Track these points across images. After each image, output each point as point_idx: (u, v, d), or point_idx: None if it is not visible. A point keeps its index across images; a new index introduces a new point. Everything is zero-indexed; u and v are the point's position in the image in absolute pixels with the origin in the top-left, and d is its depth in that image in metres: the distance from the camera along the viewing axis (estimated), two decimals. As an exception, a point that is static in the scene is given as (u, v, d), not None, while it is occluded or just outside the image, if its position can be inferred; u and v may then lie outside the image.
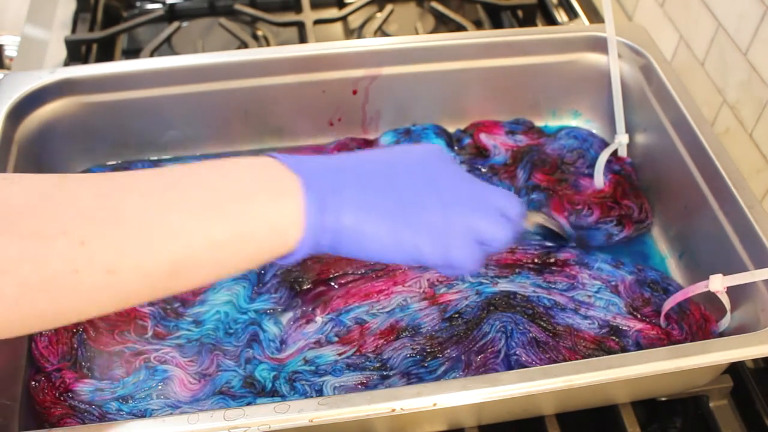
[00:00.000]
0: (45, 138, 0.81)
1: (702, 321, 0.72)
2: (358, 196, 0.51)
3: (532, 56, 0.89)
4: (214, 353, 0.70)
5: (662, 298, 0.74)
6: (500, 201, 0.57)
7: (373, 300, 0.74)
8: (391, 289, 0.75)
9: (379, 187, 0.53)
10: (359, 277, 0.76)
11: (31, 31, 1.09)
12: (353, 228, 0.51)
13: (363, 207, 0.51)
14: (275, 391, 0.68)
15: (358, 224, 0.51)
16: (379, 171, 0.54)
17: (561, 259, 0.78)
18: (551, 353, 0.69)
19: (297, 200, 0.49)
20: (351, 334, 0.72)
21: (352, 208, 0.51)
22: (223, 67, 0.84)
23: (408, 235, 0.52)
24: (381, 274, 0.76)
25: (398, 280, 0.75)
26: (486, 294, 0.74)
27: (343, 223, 0.51)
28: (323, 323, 0.73)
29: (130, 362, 0.70)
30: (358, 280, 0.76)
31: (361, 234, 0.51)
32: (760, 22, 0.82)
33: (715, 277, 0.67)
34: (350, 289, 0.75)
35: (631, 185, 0.86)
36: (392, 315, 0.73)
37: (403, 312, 0.73)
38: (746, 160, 0.87)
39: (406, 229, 0.52)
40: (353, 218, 0.51)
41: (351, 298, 0.74)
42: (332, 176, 0.52)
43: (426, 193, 0.54)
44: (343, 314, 0.73)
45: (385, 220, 0.52)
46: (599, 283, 0.75)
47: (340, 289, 0.76)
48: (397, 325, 0.72)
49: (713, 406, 0.74)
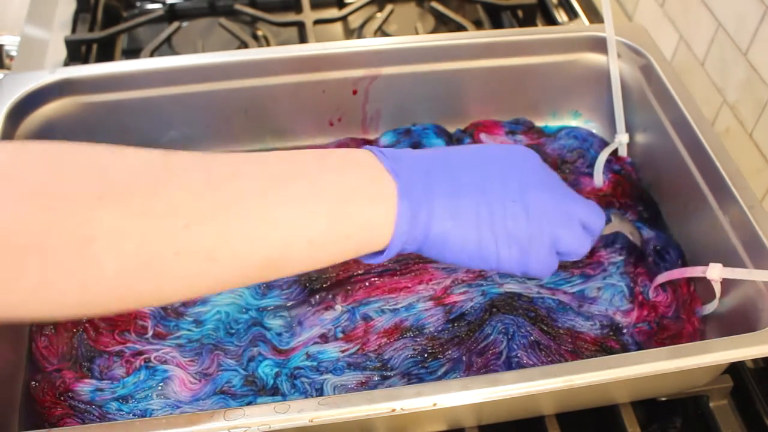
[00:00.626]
0: (45, 138, 0.80)
1: (688, 297, 0.74)
2: (449, 203, 0.53)
3: (532, 56, 0.89)
4: (214, 353, 0.70)
5: (657, 262, 0.77)
6: (584, 213, 0.58)
7: (395, 296, 0.74)
8: (415, 288, 0.75)
9: (469, 193, 0.54)
10: (383, 274, 0.76)
11: (31, 31, 1.09)
12: (440, 236, 0.53)
13: (452, 216, 0.53)
14: (276, 388, 0.68)
15: (445, 234, 0.53)
16: (470, 175, 0.55)
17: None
18: (553, 356, 0.69)
19: (391, 207, 0.51)
20: (356, 331, 0.72)
21: (442, 218, 0.53)
22: (223, 67, 0.84)
23: (492, 245, 0.54)
24: (406, 271, 0.76)
25: (424, 278, 0.76)
26: (491, 295, 0.74)
27: (431, 231, 0.53)
28: (342, 312, 0.73)
29: (131, 362, 0.70)
30: (383, 276, 0.76)
31: (446, 242, 0.53)
32: (760, 22, 0.82)
33: (714, 266, 0.68)
34: (374, 283, 0.76)
35: (631, 185, 0.86)
36: (397, 314, 0.73)
37: (408, 312, 0.73)
38: (746, 160, 0.87)
39: (490, 239, 0.54)
40: (441, 228, 0.53)
41: (374, 291, 0.75)
42: (425, 180, 0.53)
43: (514, 202, 0.55)
44: (363, 305, 0.73)
45: (471, 230, 0.53)
46: (621, 259, 0.77)
47: (365, 281, 0.76)
48: (402, 324, 0.72)
49: (713, 406, 0.74)
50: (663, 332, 0.73)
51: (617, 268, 0.77)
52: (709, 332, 0.74)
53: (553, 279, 0.76)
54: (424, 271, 0.76)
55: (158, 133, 0.87)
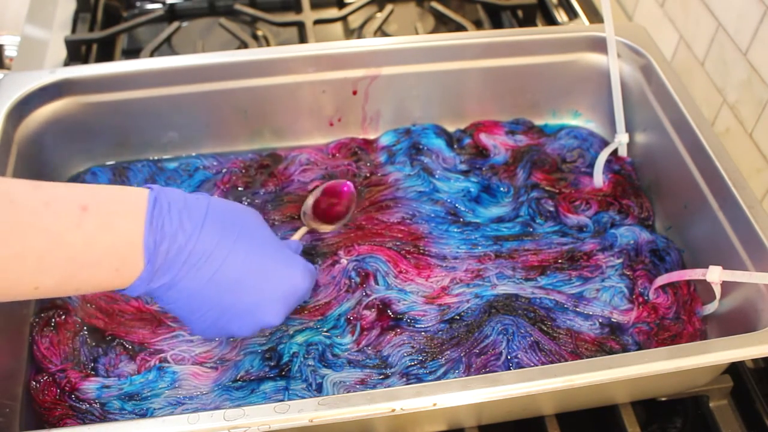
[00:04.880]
0: (45, 138, 0.81)
1: (689, 298, 0.75)
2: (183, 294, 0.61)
3: (531, 56, 0.89)
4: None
5: (656, 264, 0.78)
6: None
7: (395, 269, 0.76)
8: (413, 276, 0.76)
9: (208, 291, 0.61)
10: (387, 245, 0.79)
11: (31, 31, 1.09)
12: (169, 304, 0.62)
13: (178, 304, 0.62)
14: (285, 366, 0.69)
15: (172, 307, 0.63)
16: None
17: (586, 252, 0.78)
18: (553, 357, 0.69)
19: (130, 277, 0.57)
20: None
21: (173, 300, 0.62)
22: (223, 67, 0.84)
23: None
24: (409, 256, 0.78)
25: (423, 272, 0.77)
26: (487, 297, 0.74)
27: (163, 298, 0.61)
28: (348, 263, 0.76)
29: (146, 360, 0.70)
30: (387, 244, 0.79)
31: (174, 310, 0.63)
32: (760, 22, 0.82)
33: (714, 269, 0.69)
34: (374, 244, 0.79)
35: (631, 185, 0.86)
36: (390, 291, 0.75)
37: (399, 295, 0.74)
38: (746, 160, 0.87)
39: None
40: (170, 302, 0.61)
41: (376, 252, 0.77)
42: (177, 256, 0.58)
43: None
44: (368, 258, 0.76)
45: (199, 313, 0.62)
46: (620, 262, 0.77)
47: (362, 234, 0.79)
48: (392, 306, 0.73)
49: (713, 406, 0.74)
50: (664, 333, 0.73)
51: (615, 270, 0.77)
52: (709, 332, 0.74)
53: (551, 281, 0.76)
54: (425, 266, 0.77)
55: (158, 133, 0.87)
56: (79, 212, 0.53)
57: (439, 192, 0.85)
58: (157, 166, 0.87)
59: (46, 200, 0.52)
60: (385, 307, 0.73)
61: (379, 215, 0.82)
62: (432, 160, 0.88)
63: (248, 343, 0.71)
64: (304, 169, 0.86)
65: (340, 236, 0.80)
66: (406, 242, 0.79)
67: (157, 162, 0.87)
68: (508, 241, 0.80)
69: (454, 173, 0.87)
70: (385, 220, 0.82)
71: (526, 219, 0.83)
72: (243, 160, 0.87)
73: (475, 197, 0.85)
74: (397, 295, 0.74)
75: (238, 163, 0.87)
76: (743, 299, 0.69)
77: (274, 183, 0.85)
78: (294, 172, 0.86)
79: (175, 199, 0.58)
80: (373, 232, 0.80)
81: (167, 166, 0.87)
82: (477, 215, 0.84)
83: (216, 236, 0.59)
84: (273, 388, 0.68)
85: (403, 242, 0.79)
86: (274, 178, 0.86)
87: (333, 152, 0.89)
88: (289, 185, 0.85)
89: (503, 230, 0.82)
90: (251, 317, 0.62)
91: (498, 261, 0.78)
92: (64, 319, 0.72)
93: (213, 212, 0.60)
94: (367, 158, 0.89)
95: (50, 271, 0.52)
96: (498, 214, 0.84)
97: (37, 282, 0.52)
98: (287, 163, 0.87)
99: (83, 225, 0.53)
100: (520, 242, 0.80)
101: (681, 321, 0.74)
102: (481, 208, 0.84)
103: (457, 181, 0.86)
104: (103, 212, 0.54)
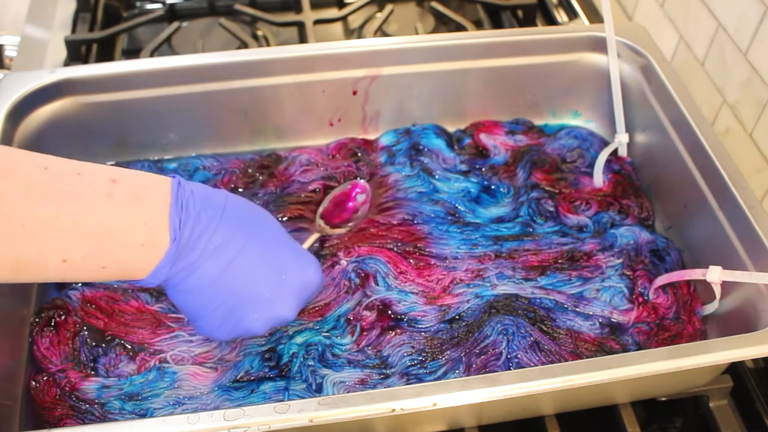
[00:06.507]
0: (45, 138, 0.81)
1: (689, 298, 0.75)
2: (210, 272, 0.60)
3: (532, 56, 0.89)
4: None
5: (656, 264, 0.78)
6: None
7: (395, 269, 0.76)
8: (413, 277, 0.76)
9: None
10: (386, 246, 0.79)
11: (31, 31, 1.09)
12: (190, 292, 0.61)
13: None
14: (285, 367, 0.69)
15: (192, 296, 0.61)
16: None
17: (586, 252, 0.78)
18: (553, 357, 0.69)
19: (155, 258, 0.57)
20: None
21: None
22: (223, 67, 0.84)
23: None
24: (409, 257, 0.78)
25: (423, 272, 0.77)
26: (487, 297, 0.74)
27: (184, 284, 0.59)
28: (348, 264, 0.76)
29: (146, 360, 0.70)
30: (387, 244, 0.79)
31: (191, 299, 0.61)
32: (760, 22, 0.82)
33: (714, 269, 0.69)
34: (373, 245, 0.79)
35: (631, 185, 0.86)
36: (390, 292, 0.75)
37: (399, 296, 0.74)
38: (746, 160, 0.87)
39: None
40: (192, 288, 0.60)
41: (375, 253, 0.77)
42: (202, 236, 0.59)
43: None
44: (368, 260, 0.76)
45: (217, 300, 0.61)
46: (620, 262, 0.77)
47: (361, 236, 0.79)
48: (392, 307, 0.73)
49: (713, 406, 0.74)
50: (664, 333, 0.73)
51: (615, 270, 0.77)
52: (709, 332, 0.74)
53: (551, 281, 0.76)
54: (425, 266, 0.77)
55: (158, 133, 0.87)
56: (110, 183, 0.54)
57: (439, 192, 0.85)
58: (157, 166, 0.87)
59: (79, 171, 0.53)
60: (386, 308, 0.73)
61: (379, 218, 0.82)
62: (432, 160, 0.88)
63: (248, 343, 0.71)
64: (305, 169, 0.86)
65: (340, 237, 0.80)
66: (406, 243, 0.79)
67: (157, 162, 0.87)
68: (508, 241, 0.80)
69: (454, 173, 0.87)
70: (385, 223, 0.82)
71: (526, 219, 0.83)
72: (243, 160, 0.87)
73: (475, 197, 0.85)
74: (397, 296, 0.74)
75: (239, 163, 0.87)
76: (743, 299, 0.69)
77: (275, 183, 0.85)
78: (294, 173, 0.86)
79: (197, 187, 0.60)
80: (373, 234, 0.80)
81: (167, 166, 0.87)
82: (477, 215, 0.84)
83: (234, 225, 0.60)
84: (273, 389, 0.68)
85: (403, 243, 0.79)
86: (274, 178, 0.86)
87: (333, 153, 0.89)
88: (289, 186, 0.85)
89: (503, 230, 0.82)
90: (268, 308, 0.61)
91: (498, 261, 0.78)
92: (64, 319, 0.72)
93: (231, 204, 0.61)
94: (367, 158, 0.89)
95: (80, 239, 0.52)
96: (498, 214, 0.84)
97: (65, 252, 0.52)
98: (287, 164, 0.87)
99: (114, 195, 0.54)
100: (520, 242, 0.80)
101: (681, 321, 0.74)
102: (481, 208, 0.84)
103: (457, 181, 0.86)
104: (132, 186, 0.55)
